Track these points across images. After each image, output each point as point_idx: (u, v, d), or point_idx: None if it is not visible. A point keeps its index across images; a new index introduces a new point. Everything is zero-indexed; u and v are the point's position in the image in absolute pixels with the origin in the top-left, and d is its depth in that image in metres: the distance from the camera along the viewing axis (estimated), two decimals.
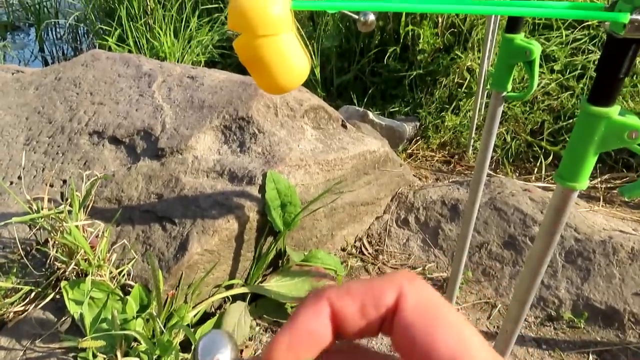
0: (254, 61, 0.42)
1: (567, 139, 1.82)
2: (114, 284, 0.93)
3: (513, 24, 0.68)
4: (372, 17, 0.77)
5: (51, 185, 1.20)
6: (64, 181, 1.20)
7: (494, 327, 1.16)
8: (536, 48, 0.67)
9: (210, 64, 2.61)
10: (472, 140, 1.85)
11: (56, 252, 0.92)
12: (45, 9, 3.18)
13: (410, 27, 2.00)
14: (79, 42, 3.14)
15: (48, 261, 0.99)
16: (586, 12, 0.40)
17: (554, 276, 1.22)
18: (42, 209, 0.93)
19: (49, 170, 1.24)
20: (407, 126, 1.86)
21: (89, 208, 1.03)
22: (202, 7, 2.59)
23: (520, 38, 0.68)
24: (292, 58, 0.42)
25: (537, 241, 0.55)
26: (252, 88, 1.21)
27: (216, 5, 2.63)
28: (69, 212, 0.94)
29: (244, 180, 1.04)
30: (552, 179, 1.74)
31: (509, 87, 0.72)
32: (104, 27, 2.61)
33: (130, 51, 2.49)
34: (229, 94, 1.22)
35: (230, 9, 0.40)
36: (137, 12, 2.59)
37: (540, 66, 2.10)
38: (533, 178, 1.74)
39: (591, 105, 0.44)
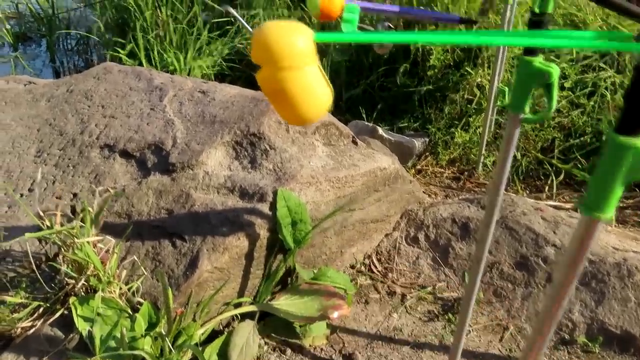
0: (277, 94, 0.41)
1: (578, 156, 1.81)
2: (123, 301, 0.92)
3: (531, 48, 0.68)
4: None
5: (61, 198, 1.20)
6: (75, 194, 1.20)
7: (506, 350, 1.14)
8: (555, 71, 0.66)
9: (220, 76, 2.62)
10: (482, 157, 1.84)
11: (67, 267, 0.92)
12: (57, 20, 3.22)
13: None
14: (89, 54, 3.17)
15: (58, 276, 0.98)
16: (614, 44, 0.39)
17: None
18: (54, 224, 0.93)
19: (60, 183, 1.24)
20: (416, 142, 1.85)
21: (100, 223, 1.02)
22: (213, 21, 2.61)
23: (539, 61, 0.67)
24: (315, 90, 0.42)
25: (560, 271, 0.54)
26: (263, 104, 1.21)
27: (227, 19, 2.65)
28: (81, 227, 0.94)
29: (254, 197, 1.04)
30: (563, 198, 1.72)
31: (527, 109, 0.71)
32: (116, 39, 2.63)
33: (140, 63, 2.51)
34: (241, 110, 1.22)
35: (253, 41, 0.40)
36: (148, 24, 2.61)
37: None
38: (544, 196, 1.72)
39: (619, 135, 0.43)
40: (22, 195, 1.26)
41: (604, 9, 2.11)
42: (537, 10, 0.63)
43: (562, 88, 1.99)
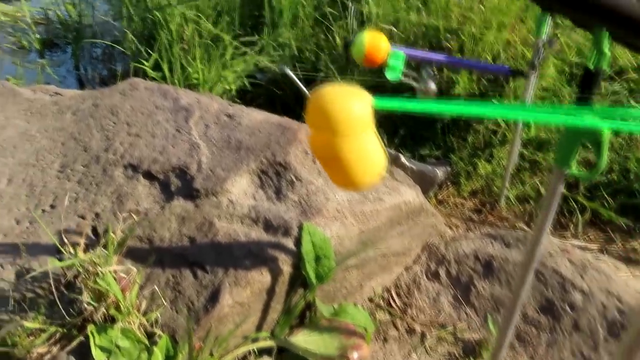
0: (331, 159, 0.39)
1: (605, 195, 1.77)
2: (141, 332, 0.90)
3: (584, 96, 0.65)
4: (432, 86, 0.76)
5: (83, 218, 1.19)
6: (97, 214, 1.19)
7: None
8: (606, 129, 0.64)
9: (241, 92, 2.62)
10: (505, 190, 1.80)
11: (87, 294, 0.90)
12: (84, 29, 3.27)
13: (445, 71, 1.98)
14: (114, 63, 3.20)
15: (76, 301, 0.97)
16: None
17: (595, 349, 1.15)
18: (77, 248, 0.92)
19: (82, 201, 1.24)
20: (438, 171, 1.82)
21: (122, 250, 1.01)
22: (238, 39, 2.62)
23: (590, 114, 0.65)
24: (371, 157, 0.40)
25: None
26: (290, 132, 1.20)
27: (252, 38, 2.67)
28: (103, 252, 0.93)
29: (279, 231, 1.02)
30: (589, 237, 1.68)
31: (574, 165, 0.68)
32: (140, 51, 2.65)
33: (164, 77, 2.53)
34: (267, 137, 1.21)
35: (311, 106, 0.38)
36: (174, 38, 2.63)
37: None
38: (569, 234, 1.68)
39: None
40: (44, 211, 1.25)
41: None
42: (591, 67, 0.60)
43: None
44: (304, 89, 0.42)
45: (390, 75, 0.60)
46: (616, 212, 1.73)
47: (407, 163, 1.77)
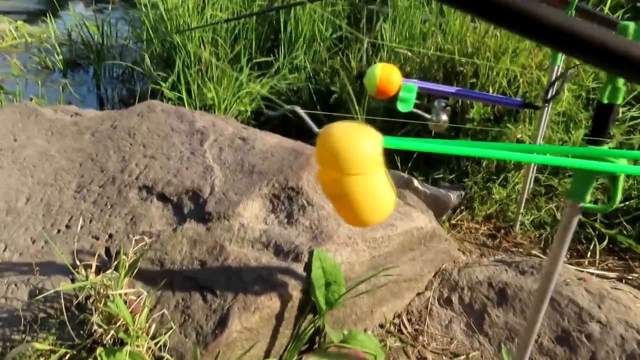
0: (340, 197, 0.40)
1: (623, 222, 1.73)
2: (149, 356, 0.90)
3: (599, 131, 0.65)
4: (444, 118, 0.76)
5: (97, 238, 1.21)
6: (110, 235, 1.20)
7: None
8: (621, 162, 0.63)
9: (256, 113, 2.66)
10: (520, 216, 1.78)
11: (97, 316, 0.91)
12: (105, 50, 3.36)
13: None
14: (133, 84, 3.28)
15: (87, 322, 0.97)
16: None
17: None
18: (89, 270, 0.93)
19: (97, 221, 1.26)
20: (452, 195, 1.81)
21: (134, 272, 1.02)
22: (254, 61, 2.67)
23: (605, 149, 0.64)
24: (380, 195, 0.40)
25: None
26: (303, 157, 1.21)
27: (268, 59, 2.71)
28: (114, 275, 0.93)
29: (289, 256, 1.01)
30: (607, 266, 1.64)
31: (588, 198, 0.67)
32: (159, 73, 2.72)
33: (180, 98, 2.58)
34: (280, 161, 1.22)
35: (319, 144, 0.38)
36: (192, 60, 2.69)
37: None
38: (586, 262, 1.64)
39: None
40: (59, 231, 1.27)
41: None
42: (605, 101, 0.60)
43: None
44: (314, 126, 0.43)
45: (402, 107, 0.60)
46: (635, 239, 1.69)
47: (420, 187, 1.76)
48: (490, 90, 2.01)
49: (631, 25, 0.50)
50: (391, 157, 2.11)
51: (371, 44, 2.63)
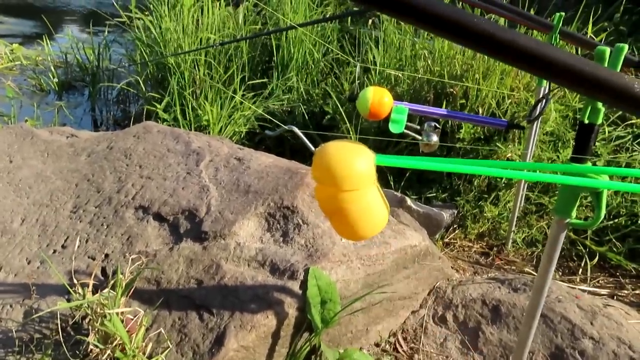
0: (335, 212, 0.42)
1: (613, 239, 1.76)
2: None
3: (581, 150, 0.67)
4: (434, 139, 0.79)
5: (93, 259, 1.21)
6: (107, 255, 1.21)
7: None
8: (603, 179, 0.66)
9: (250, 134, 2.69)
10: (512, 234, 1.80)
11: (94, 335, 0.91)
12: (101, 72, 3.40)
13: None
14: (128, 105, 3.31)
15: (83, 342, 0.97)
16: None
17: None
18: (86, 290, 0.93)
19: (93, 242, 1.26)
20: (445, 214, 1.83)
21: (130, 291, 1.02)
22: (248, 82, 2.71)
23: (588, 167, 0.67)
24: (373, 210, 0.42)
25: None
26: (298, 177, 1.23)
27: (262, 81, 2.76)
28: (111, 294, 0.94)
29: (285, 274, 1.03)
30: (598, 282, 1.66)
31: (574, 214, 0.70)
32: (154, 95, 2.75)
33: (175, 118, 2.60)
34: (275, 181, 1.24)
35: (315, 162, 0.41)
36: (186, 82, 2.73)
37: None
38: (578, 279, 1.66)
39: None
40: (55, 251, 1.27)
41: None
42: (586, 121, 0.63)
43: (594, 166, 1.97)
44: (310, 145, 0.45)
45: (393, 129, 0.63)
46: (625, 256, 1.72)
47: (413, 206, 1.78)
48: (480, 111, 2.05)
49: (607, 50, 0.53)
50: (384, 177, 2.14)
51: (362, 67, 2.69)
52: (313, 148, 0.43)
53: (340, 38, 3.13)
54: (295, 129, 0.49)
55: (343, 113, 2.23)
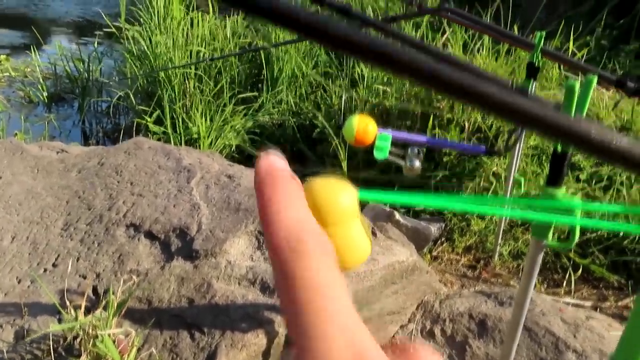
0: None
1: (596, 251, 1.80)
2: None
3: (555, 177, 0.71)
4: (417, 164, 0.82)
5: (84, 277, 1.22)
6: (98, 274, 1.22)
7: None
8: (578, 205, 0.69)
9: (241, 148, 2.71)
10: (498, 247, 1.84)
11: (86, 357, 0.92)
12: (90, 84, 3.40)
13: (437, 130, 2.07)
14: (118, 117, 3.31)
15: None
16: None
17: None
18: (78, 311, 0.94)
19: (84, 260, 1.27)
20: (432, 227, 1.86)
21: (122, 311, 1.03)
22: (238, 96, 2.74)
23: (562, 193, 0.70)
24: (356, 243, 0.44)
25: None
26: None
27: (252, 94, 2.78)
28: (102, 314, 0.95)
29: (275, 292, 1.04)
30: (582, 295, 1.70)
31: (550, 236, 0.73)
32: (144, 107, 2.76)
33: (165, 132, 2.62)
34: None
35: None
36: (176, 95, 2.75)
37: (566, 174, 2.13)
38: (562, 292, 1.70)
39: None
40: (45, 270, 1.28)
41: None
42: (559, 149, 0.67)
43: (577, 180, 2.02)
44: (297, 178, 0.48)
45: (378, 155, 0.66)
46: (608, 268, 1.76)
47: (401, 220, 1.81)
48: (466, 125, 2.10)
49: (576, 84, 0.57)
50: (373, 188, 2.17)
51: (350, 80, 2.73)
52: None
53: (328, 51, 3.17)
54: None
55: (328, 128, 2.27)
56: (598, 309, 1.62)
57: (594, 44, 2.96)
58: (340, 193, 0.47)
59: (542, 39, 1.39)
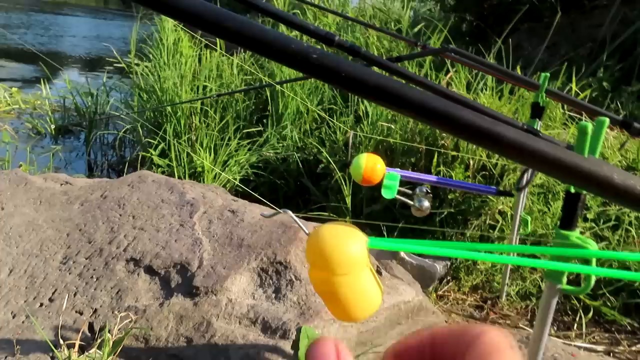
0: (329, 295, 0.42)
1: (607, 293, 1.75)
2: None
3: (568, 220, 0.69)
4: (425, 204, 0.81)
5: (81, 313, 1.18)
6: (95, 310, 1.18)
7: None
8: (592, 247, 0.67)
9: (245, 182, 2.70)
10: (506, 287, 1.79)
11: None
12: (97, 118, 3.44)
13: (442, 167, 2.06)
14: (123, 150, 3.33)
15: None
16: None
17: None
18: (72, 350, 0.91)
19: (81, 295, 1.24)
20: (438, 266, 1.83)
21: (118, 349, 1.00)
22: (243, 130, 2.76)
23: (576, 235, 0.68)
24: (367, 293, 0.43)
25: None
26: (291, 231, 1.23)
27: (257, 129, 2.80)
28: (98, 357, 0.91)
29: (277, 333, 1.01)
30: (594, 338, 1.64)
31: (564, 280, 0.70)
32: (150, 140, 2.78)
33: (170, 165, 2.62)
34: (269, 235, 1.24)
35: (309, 247, 0.42)
36: (182, 129, 2.77)
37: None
38: (573, 335, 1.64)
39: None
40: (42, 304, 1.25)
41: None
42: (572, 190, 0.65)
43: (585, 219, 1.99)
44: (304, 228, 0.46)
45: (386, 194, 0.64)
46: (619, 311, 1.71)
47: (406, 257, 1.78)
48: (471, 163, 2.09)
49: (589, 126, 0.56)
50: (378, 229, 2.15)
51: (355, 117, 2.75)
52: (307, 231, 0.45)
53: (332, 88, 3.21)
54: (290, 213, 0.50)
55: (332, 163, 2.26)
56: (611, 354, 1.56)
57: (596, 85, 2.99)
58: (349, 242, 0.45)
59: (547, 80, 1.40)
